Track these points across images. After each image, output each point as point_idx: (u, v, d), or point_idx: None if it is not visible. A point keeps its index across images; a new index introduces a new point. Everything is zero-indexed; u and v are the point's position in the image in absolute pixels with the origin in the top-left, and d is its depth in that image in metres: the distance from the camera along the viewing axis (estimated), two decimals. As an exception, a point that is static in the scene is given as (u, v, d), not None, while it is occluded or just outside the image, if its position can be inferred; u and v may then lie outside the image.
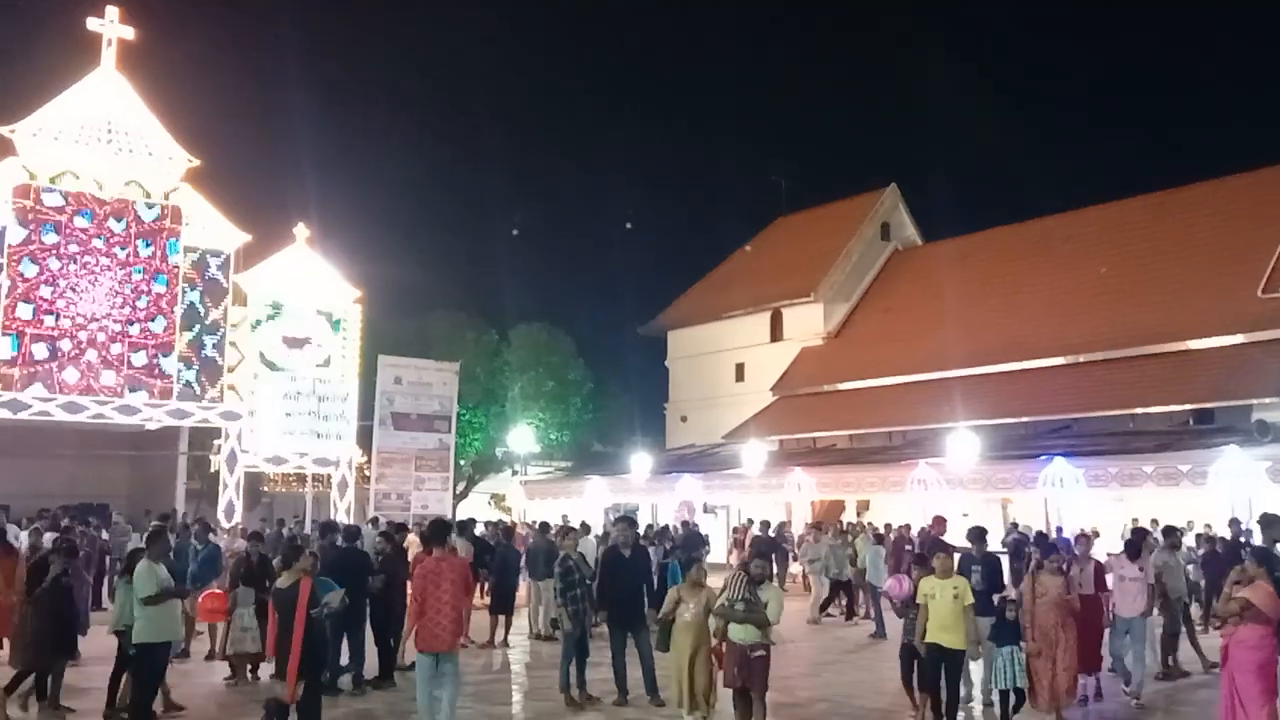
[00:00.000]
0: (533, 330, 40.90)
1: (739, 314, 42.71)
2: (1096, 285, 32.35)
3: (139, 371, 27.88)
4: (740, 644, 9.37)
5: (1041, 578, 10.94)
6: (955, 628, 9.96)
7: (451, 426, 33.43)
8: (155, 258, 28.35)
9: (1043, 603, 10.75)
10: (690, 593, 10.26)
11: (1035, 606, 10.78)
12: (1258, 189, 31.62)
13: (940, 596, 10.07)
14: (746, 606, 9.38)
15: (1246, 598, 8.56)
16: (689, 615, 10.03)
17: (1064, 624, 10.67)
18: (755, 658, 9.32)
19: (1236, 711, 8.58)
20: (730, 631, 9.47)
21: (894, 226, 43.60)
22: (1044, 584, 10.87)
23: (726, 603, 9.53)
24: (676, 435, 43.86)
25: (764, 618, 9.38)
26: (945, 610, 10.00)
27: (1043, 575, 10.97)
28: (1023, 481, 24.59)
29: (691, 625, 10.00)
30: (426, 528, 11.42)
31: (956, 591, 10.04)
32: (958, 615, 9.96)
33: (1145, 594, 12.35)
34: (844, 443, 35.04)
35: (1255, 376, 26.27)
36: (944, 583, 10.15)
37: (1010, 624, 10.81)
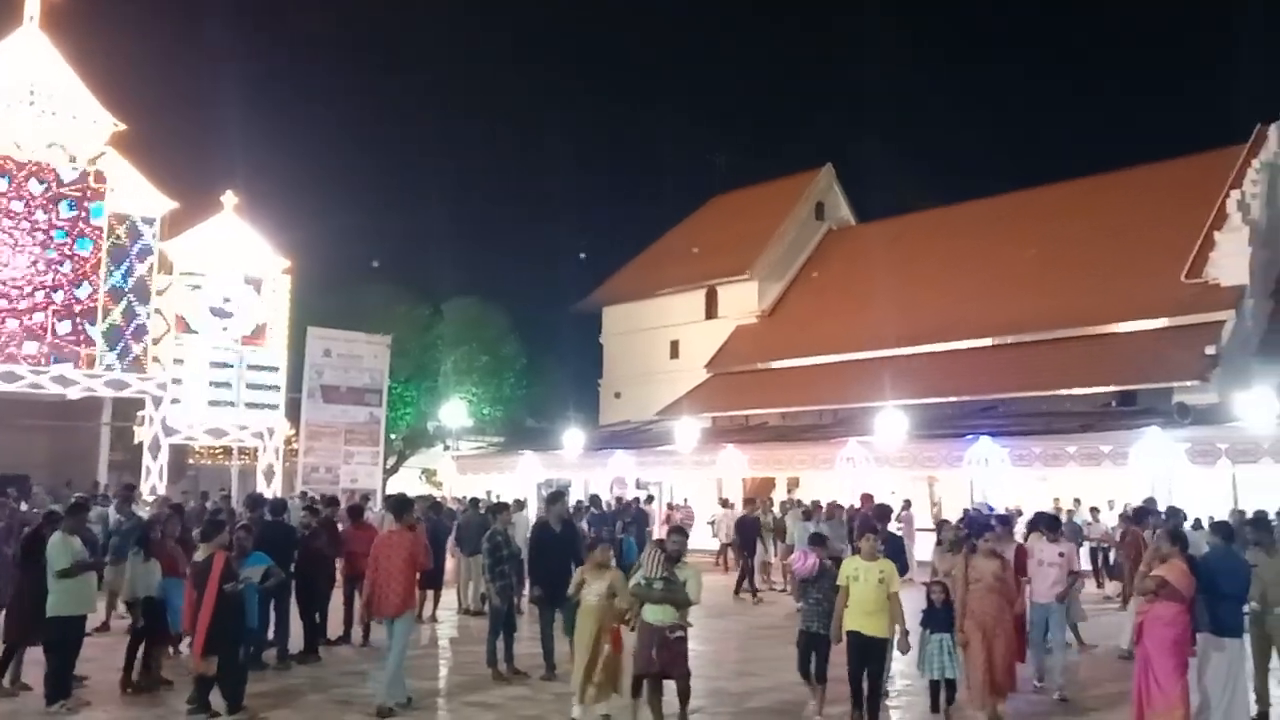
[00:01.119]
0: (466, 304, 40.61)
1: (674, 291, 42.76)
2: (1025, 268, 32.85)
3: (63, 340, 27.21)
4: (657, 625, 8.82)
5: (975, 561, 10.02)
6: (878, 614, 9.25)
7: (382, 400, 33.13)
8: (80, 219, 27.63)
9: (976, 588, 9.86)
10: (594, 574, 9.52)
11: (968, 592, 9.90)
12: (1184, 176, 32.31)
13: (864, 580, 9.34)
14: (665, 586, 8.84)
15: (1162, 576, 8.74)
16: (593, 598, 9.33)
17: (999, 612, 9.83)
18: (674, 639, 8.83)
19: (1151, 686, 8.75)
20: (646, 612, 8.91)
21: (828, 207, 43.92)
22: (978, 567, 9.95)
23: (643, 582, 8.96)
24: (610, 412, 43.87)
25: (683, 597, 8.88)
26: (869, 595, 9.28)
27: (976, 558, 10.04)
28: (949, 460, 24.94)
29: (595, 609, 9.29)
30: (389, 503, 12.92)
31: (883, 575, 9.31)
32: (882, 601, 9.25)
33: (1064, 578, 11.51)
34: (776, 420, 35.30)
35: (1177, 360, 26.90)
36: (869, 565, 9.42)
37: (941, 610, 10.04)
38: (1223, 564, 9.22)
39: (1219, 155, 32.29)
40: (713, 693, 11.47)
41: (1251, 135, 32.01)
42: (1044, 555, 11.63)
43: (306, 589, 13.24)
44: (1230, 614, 9.11)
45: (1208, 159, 32.51)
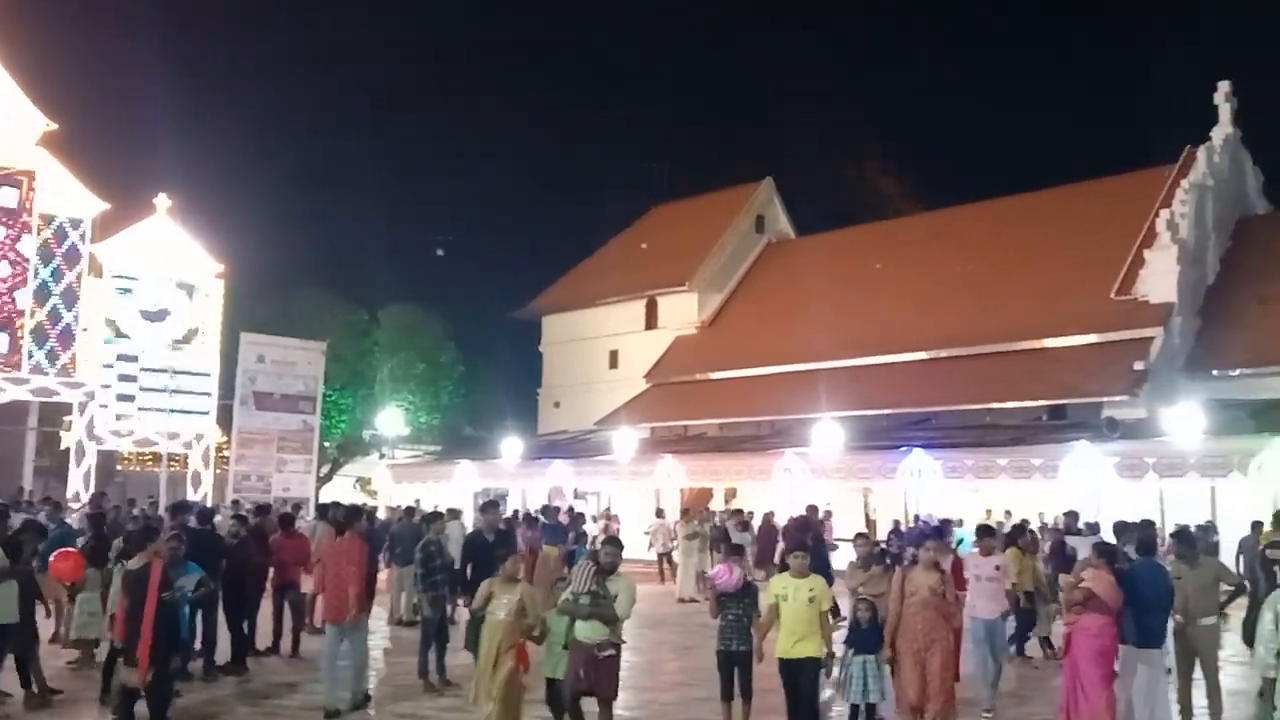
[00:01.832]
0: (403, 311, 40.25)
1: (614, 301, 42.76)
2: (960, 283, 33.29)
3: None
4: (586, 643, 8.39)
5: (913, 574, 9.37)
6: (809, 636, 8.76)
7: (316, 407, 32.70)
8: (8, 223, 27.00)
9: (912, 603, 9.19)
10: (503, 587, 8.85)
11: (903, 608, 9.23)
12: (1115, 195, 32.98)
13: (793, 598, 8.80)
14: (593, 600, 8.40)
15: (1089, 588, 8.87)
16: (501, 613, 8.69)
17: (934, 628, 9.15)
18: (604, 658, 8.39)
19: (1078, 697, 8.88)
20: (576, 629, 8.48)
21: (768, 219, 44.21)
22: (914, 581, 9.27)
23: (571, 597, 8.53)
24: (548, 421, 43.71)
25: (613, 613, 8.45)
26: (799, 615, 8.74)
27: (914, 571, 9.41)
28: (883, 472, 25.15)
29: (502, 625, 8.65)
30: (340, 513, 13.44)
31: (813, 594, 8.78)
32: (812, 621, 8.74)
33: (1003, 592, 11.12)
34: (714, 431, 35.41)
35: (1106, 375, 27.42)
36: (799, 583, 8.84)
37: (867, 630, 9.49)
38: (1147, 576, 9.39)
39: (1149, 175, 33.05)
40: (646, 703, 11.44)
41: (1180, 156, 32.81)
42: (980, 570, 11.24)
43: (235, 599, 13.04)
44: (1154, 625, 9.27)
45: (1138, 178, 33.26)
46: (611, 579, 8.59)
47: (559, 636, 8.76)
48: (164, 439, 29.55)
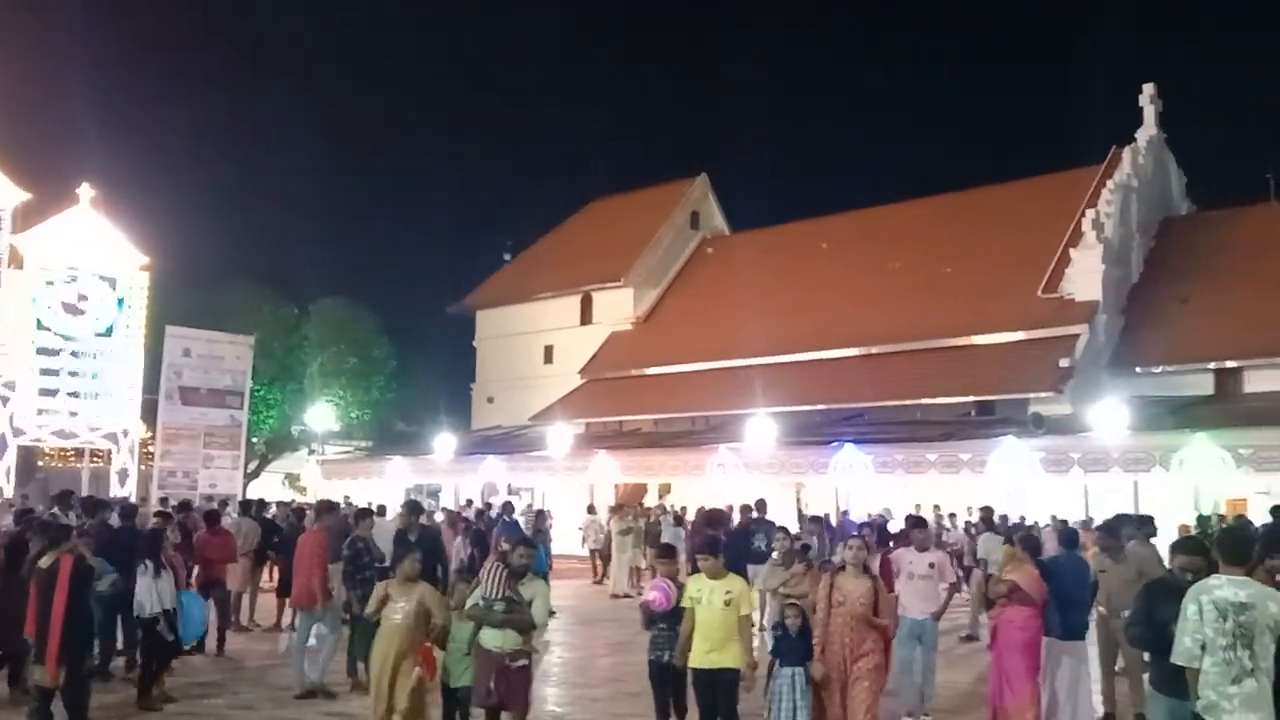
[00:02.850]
0: (334, 305, 39.77)
1: (549, 296, 42.59)
2: (891, 280, 33.64)
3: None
4: (496, 652, 7.72)
5: (841, 580, 8.25)
6: (727, 643, 7.87)
7: (244, 402, 32.11)
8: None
9: (840, 613, 8.15)
10: (401, 589, 8.25)
11: (830, 618, 8.20)
12: (1042, 194, 33.56)
13: (708, 602, 7.87)
14: (507, 606, 7.74)
15: (1014, 580, 8.98)
16: (398, 617, 8.12)
17: (865, 647, 8.12)
18: (515, 669, 7.74)
19: (1004, 689, 9.00)
20: (484, 637, 7.80)
21: (703, 216, 44.33)
22: (844, 589, 8.19)
23: (481, 602, 7.85)
24: (483, 416, 43.45)
25: (527, 620, 7.79)
26: (715, 620, 7.84)
27: (843, 577, 8.28)
28: (815, 467, 25.31)
29: (399, 629, 8.08)
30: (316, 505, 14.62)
31: (730, 596, 7.86)
32: (730, 627, 7.85)
33: (937, 590, 10.39)
34: (649, 426, 35.45)
35: (1033, 372, 27.90)
36: (714, 584, 7.95)
37: (796, 639, 8.38)
38: (1069, 570, 9.53)
39: (1076, 175, 33.67)
40: (577, 700, 11.39)
41: (1106, 157, 33.46)
42: (914, 568, 10.40)
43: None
44: (1077, 618, 9.41)
45: (1065, 178, 33.87)
46: (524, 583, 7.91)
47: (461, 644, 8.13)
48: (86, 434, 28.86)
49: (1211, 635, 5.44)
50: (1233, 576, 5.56)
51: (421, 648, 8.12)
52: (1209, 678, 5.43)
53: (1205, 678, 5.45)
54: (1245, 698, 5.36)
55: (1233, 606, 5.44)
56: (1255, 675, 5.37)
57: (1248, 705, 5.37)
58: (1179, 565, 6.28)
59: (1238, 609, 5.43)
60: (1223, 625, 5.42)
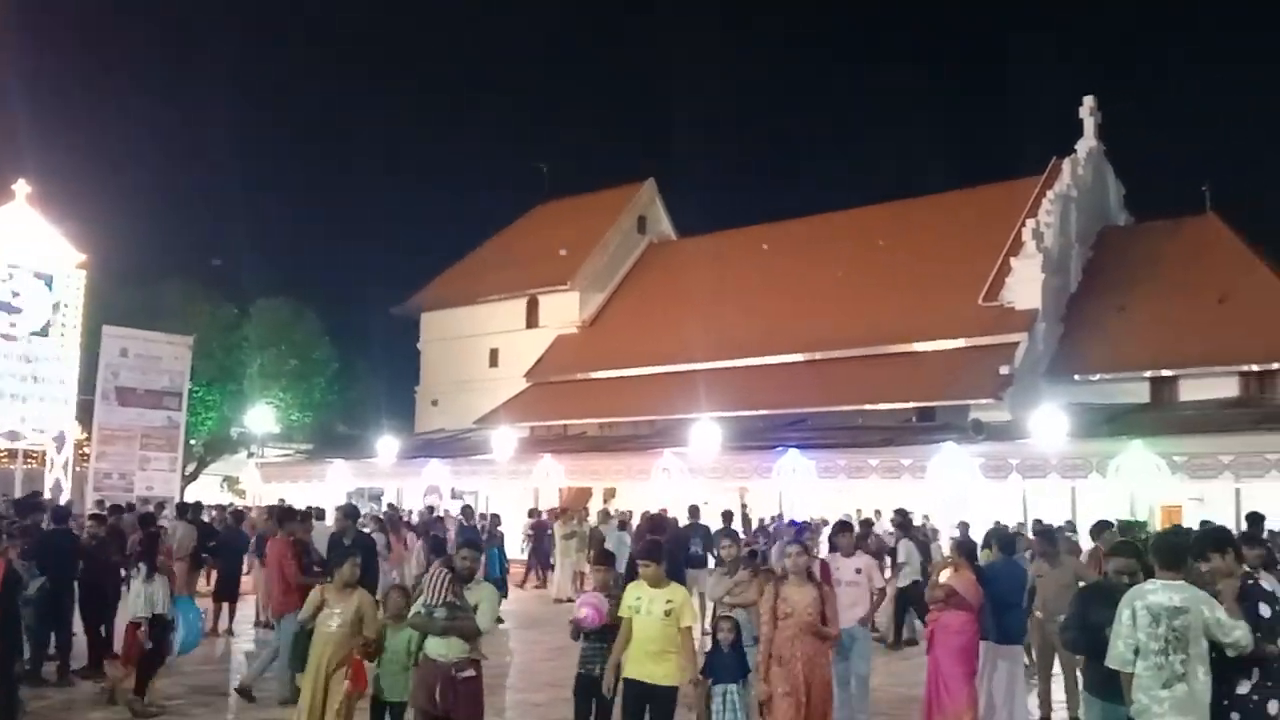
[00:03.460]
0: (276, 305, 39.27)
1: (495, 299, 42.44)
2: (835, 287, 33.92)
3: None
4: (441, 662, 7.24)
5: (786, 589, 7.76)
6: (666, 655, 7.24)
7: (182, 404, 31.54)
8: None
9: (788, 626, 7.63)
10: (338, 595, 7.85)
11: (778, 631, 7.67)
12: (984, 203, 34.06)
13: (647, 611, 7.27)
14: (450, 613, 7.26)
15: (951, 585, 9.07)
16: (333, 624, 7.73)
17: (815, 657, 7.67)
18: (463, 679, 7.26)
19: (941, 692, 9.07)
20: (428, 646, 7.34)
21: (650, 220, 44.45)
22: (790, 599, 7.68)
23: (424, 609, 7.36)
24: (426, 419, 43.16)
25: (474, 626, 7.32)
26: (654, 631, 7.22)
27: (788, 586, 7.79)
28: (759, 471, 25.40)
29: (333, 638, 7.71)
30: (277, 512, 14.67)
31: (670, 605, 7.24)
32: (670, 638, 7.22)
33: (866, 597, 9.96)
34: (594, 430, 35.41)
35: (973, 379, 28.27)
36: (654, 593, 7.32)
37: (729, 654, 8.02)
38: (1005, 574, 9.64)
39: (1017, 185, 34.19)
40: (516, 705, 11.34)
41: (1046, 167, 33.99)
42: (840, 574, 9.95)
43: (92, 601, 12.51)
44: (1013, 622, 9.52)
45: (1006, 189, 34.38)
46: (470, 587, 7.46)
47: (398, 654, 7.71)
48: (20, 434, 28.23)
49: (1145, 640, 5.49)
50: (1167, 581, 5.62)
51: (352, 659, 7.73)
52: (1141, 681, 5.49)
53: (1138, 681, 5.50)
54: (1176, 702, 5.43)
55: (1166, 611, 5.49)
56: (1187, 680, 5.44)
57: (1178, 709, 5.44)
58: (1113, 569, 6.37)
59: (1171, 613, 5.48)
60: (1155, 630, 5.47)
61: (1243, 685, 5.60)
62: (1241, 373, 27.32)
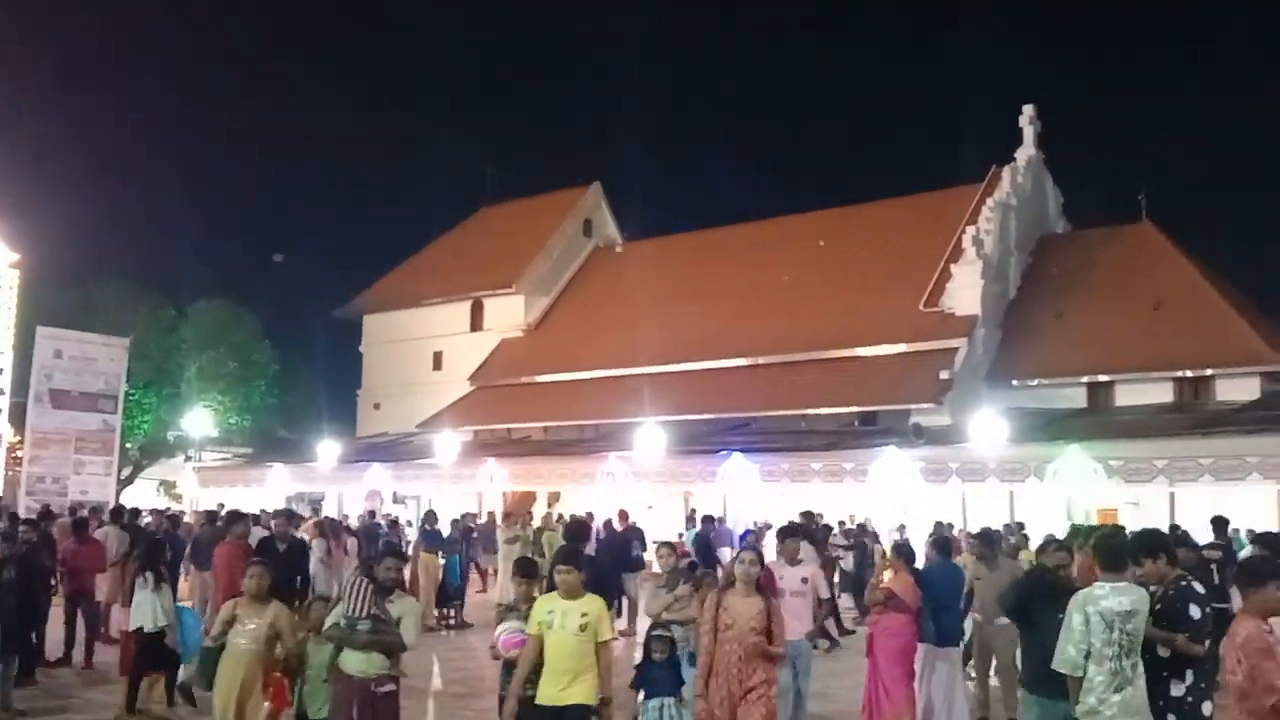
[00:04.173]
0: (214, 307, 38.75)
1: (439, 302, 42.19)
2: (779, 292, 34.12)
3: None
4: (360, 678, 6.86)
5: (729, 600, 7.01)
6: (580, 675, 6.53)
7: (118, 406, 31.05)
8: None
9: (728, 638, 6.93)
10: (250, 609, 7.43)
11: (717, 644, 6.97)
12: (925, 211, 34.43)
13: (560, 625, 6.57)
14: (371, 626, 6.90)
15: (890, 588, 9.15)
16: (243, 640, 7.33)
17: (757, 677, 6.91)
18: (382, 695, 6.90)
19: (880, 695, 9.14)
20: (345, 661, 6.94)
21: (596, 224, 44.41)
22: (732, 610, 6.96)
23: (344, 621, 6.96)
24: (368, 423, 42.76)
25: (398, 640, 6.96)
26: (567, 648, 6.53)
27: (731, 596, 7.03)
28: (703, 475, 25.46)
29: (246, 654, 7.35)
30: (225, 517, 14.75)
31: (586, 619, 6.56)
32: (586, 655, 6.54)
33: (810, 608, 9.25)
34: (539, 434, 35.29)
35: (914, 383, 28.57)
36: (569, 605, 6.63)
37: (659, 667, 7.56)
38: (944, 577, 9.74)
39: (957, 193, 34.61)
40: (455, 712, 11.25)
41: (987, 175, 34.46)
42: (785, 583, 9.10)
43: (23, 608, 12.19)
44: (951, 625, 9.63)
45: (947, 196, 34.80)
46: (392, 599, 7.09)
47: (320, 669, 7.36)
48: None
49: (1099, 646, 5.54)
50: (1115, 584, 5.68)
51: (271, 676, 7.38)
52: (1093, 685, 5.54)
53: (1090, 685, 5.56)
54: (1124, 704, 5.50)
55: (1118, 616, 5.56)
56: (1135, 683, 5.52)
57: (1126, 712, 5.52)
58: (1052, 563, 6.46)
59: (1123, 618, 5.55)
60: (1109, 635, 5.53)
61: (1177, 687, 5.71)
62: (1176, 378, 27.85)
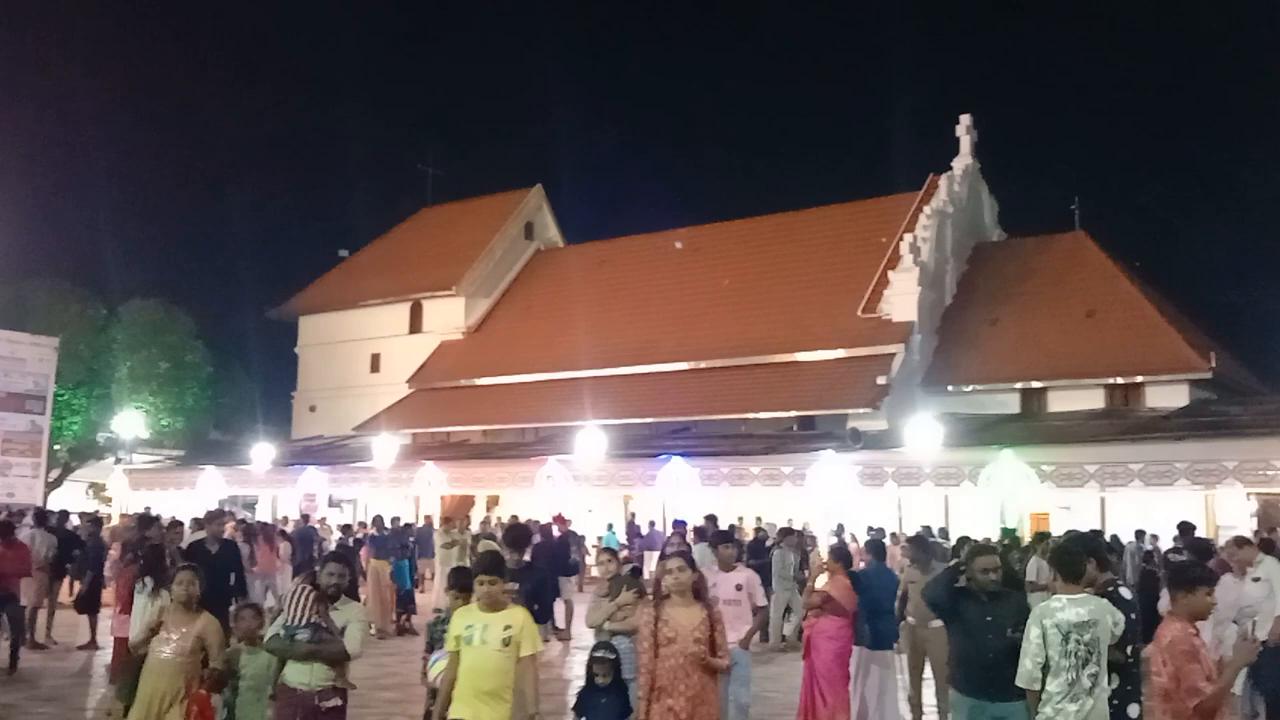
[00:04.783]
0: (147, 307, 38.00)
1: (378, 303, 41.79)
2: (720, 296, 34.25)
3: None
4: (303, 691, 6.43)
5: (668, 611, 6.46)
6: (500, 697, 5.97)
7: (46, 407, 30.31)
8: None
9: (670, 654, 6.32)
10: (177, 617, 6.93)
11: (658, 661, 6.35)
12: (864, 217, 34.78)
13: (480, 640, 5.99)
14: (313, 635, 6.47)
15: (826, 591, 9.21)
16: (167, 651, 6.80)
17: (701, 692, 6.33)
18: (327, 709, 6.47)
19: (816, 697, 9.20)
20: (288, 674, 6.49)
21: (538, 227, 44.26)
22: (673, 622, 6.41)
23: (284, 631, 6.53)
24: (304, 426, 42.23)
25: (341, 650, 6.52)
26: (488, 666, 5.95)
27: (669, 607, 6.48)
28: (644, 479, 25.52)
29: (168, 667, 6.78)
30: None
31: (509, 633, 6.00)
32: (507, 673, 5.99)
33: (746, 616, 8.78)
34: (478, 438, 35.10)
35: (852, 388, 28.83)
36: (490, 618, 6.04)
37: (603, 692, 7.08)
38: (878, 581, 9.83)
39: (895, 200, 35.00)
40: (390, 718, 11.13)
41: (924, 184, 34.87)
42: (719, 590, 8.55)
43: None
44: (885, 628, 9.72)
45: (885, 203, 35.20)
46: (336, 607, 6.66)
47: (253, 680, 6.95)
48: None
49: (1057, 658, 5.57)
50: (1072, 595, 5.72)
51: (195, 695, 6.86)
52: (1050, 696, 5.58)
53: (1047, 695, 5.59)
54: (1080, 714, 5.54)
55: (1075, 627, 5.59)
56: (1093, 692, 5.58)
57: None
58: (980, 567, 6.53)
59: (1080, 629, 5.59)
60: (1066, 647, 5.57)
61: (1103, 690, 5.80)
62: (1107, 385, 28.36)
